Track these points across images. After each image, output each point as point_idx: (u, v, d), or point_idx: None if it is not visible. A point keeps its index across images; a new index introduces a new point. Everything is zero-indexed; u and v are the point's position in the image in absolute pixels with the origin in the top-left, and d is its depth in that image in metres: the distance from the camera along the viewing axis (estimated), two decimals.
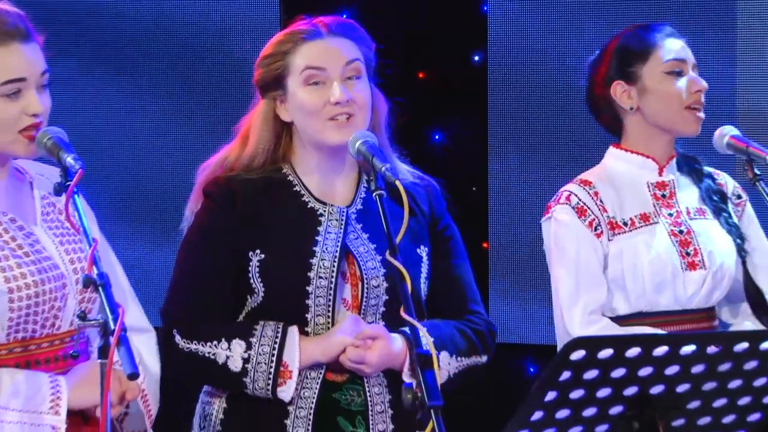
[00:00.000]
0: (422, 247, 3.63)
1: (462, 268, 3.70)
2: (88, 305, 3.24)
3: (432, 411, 2.93)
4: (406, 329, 3.30)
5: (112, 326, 2.86)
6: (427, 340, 3.07)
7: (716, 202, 3.90)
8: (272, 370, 3.46)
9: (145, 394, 3.33)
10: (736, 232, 3.87)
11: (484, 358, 3.63)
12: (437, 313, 3.61)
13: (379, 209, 3.24)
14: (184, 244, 3.58)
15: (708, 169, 3.94)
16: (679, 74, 3.82)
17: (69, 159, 3.09)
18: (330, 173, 3.61)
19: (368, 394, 3.55)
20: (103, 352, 2.89)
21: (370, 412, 3.55)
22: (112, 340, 2.85)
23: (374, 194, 3.27)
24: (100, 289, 2.93)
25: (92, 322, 2.95)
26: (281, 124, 3.59)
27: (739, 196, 3.93)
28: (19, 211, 3.29)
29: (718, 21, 5.13)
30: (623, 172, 3.89)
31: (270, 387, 3.47)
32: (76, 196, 3.06)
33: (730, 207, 3.91)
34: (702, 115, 3.82)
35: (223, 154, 3.62)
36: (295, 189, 3.59)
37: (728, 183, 3.94)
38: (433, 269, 3.64)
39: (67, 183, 3.07)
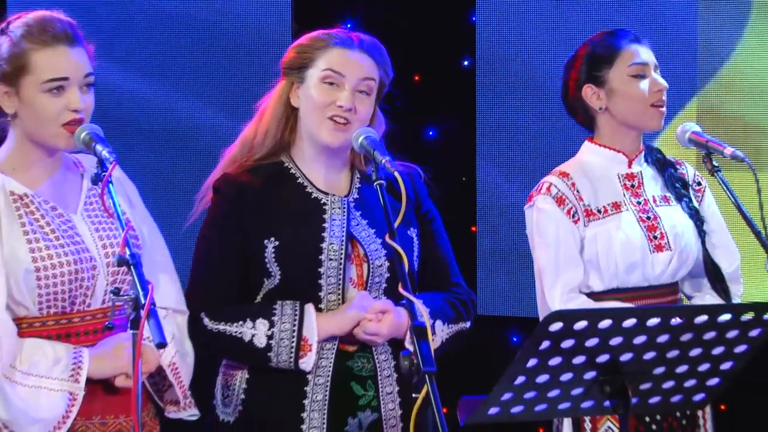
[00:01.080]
0: (412, 229, 3.64)
1: (444, 246, 3.71)
2: (123, 285, 3.24)
3: (427, 376, 2.94)
4: (405, 304, 3.31)
5: (143, 301, 2.87)
6: (422, 313, 3.08)
7: (678, 189, 3.90)
8: (294, 344, 3.46)
9: (176, 367, 3.33)
10: (696, 216, 3.88)
11: (468, 324, 3.66)
12: (425, 287, 3.62)
13: (379, 197, 3.24)
14: (200, 239, 3.58)
15: (671, 159, 3.95)
16: (642, 76, 3.81)
17: (104, 152, 3.09)
18: (328, 166, 3.61)
19: (376, 360, 3.56)
20: (134, 324, 2.90)
21: (378, 377, 3.56)
22: (143, 313, 2.86)
23: (375, 183, 3.27)
24: (131, 268, 2.93)
25: (125, 297, 2.95)
26: (290, 108, 3.59)
27: (699, 183, 3.94)
28: (63, 200, 3.29)
29: (682, 31, 5.13)
30: (597, 165, 3.89)
31: (293, 359, 3.47)
32: (111, 185, 3.06)
33: (691, 193, 3.91)
34: (664, 110, 3.82)
35: (244, 133, 3.63)
36: (298, 181, 3.59)
37: (689, 171, 3.95)
38: (420, 249, 3.65)
39: (103, 173, 3.06)
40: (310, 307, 3.49)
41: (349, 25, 3.76)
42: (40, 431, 3.13)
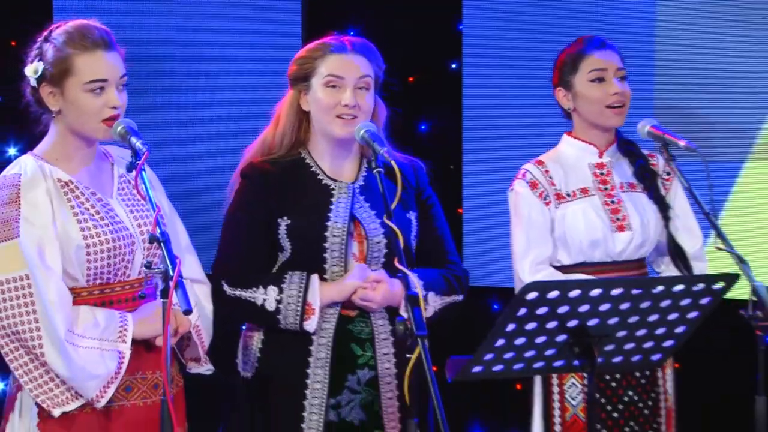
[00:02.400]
0: (411, 212, 3.64)
1: (442, 228, 3.71)
2: (154, 259, 3.24)
3: (419, 339, 2.95)
4: (401, 276, 3.31)
5: (171, 273, 2.88)
6: (415, 284, 3.08)
7: (647, 178, 3.89)
8: (299, 308, 3.47)
9: (198, 328, 3.34)
10: (661, 202, 3.87)
11: (461, 297, 3.66)
12: (424, 264, 3.62)
13: (378, 183, 3.27)
14: (227, 216, 3.60)
15: (645, 152, 3.94)
16: (601, 80, 3.80)
17: (138, 143, 3.10)
18: (338, 157, 3.62)
19: (374, 325, 3.57)
20: (164, 293, 2.91)
21: (376, 339, 3.57)
22: (171, 284, 2.87)
23: (374, 171, 3.31)
24: (161, 244, 2.95)
25: (156, 270, 2.97)
26: (302, 112, 3.61)
27: (668, 173, 3.92)
28: (100, 186, 3.30)
29: (639, 36, 5.12)
30: (571, 155, 3.89)
31: (298, 321, 3.47)
32: (143, 172, 3.07)
33: (659, 182, 3.90)
34: (621, 109, 3.81)
35: (263, 135, 3.65)
36: (312, 170, 3.60)
37: (660, 163, 3.93)
38: (420, 230, 3.65)
39: (136, 162, 3.08)
40: (314, 277, 3.50)
41: (352, 32, 3.75)
42: (97, 386, 3.14)
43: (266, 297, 3.49)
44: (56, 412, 3.14)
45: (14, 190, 3.16)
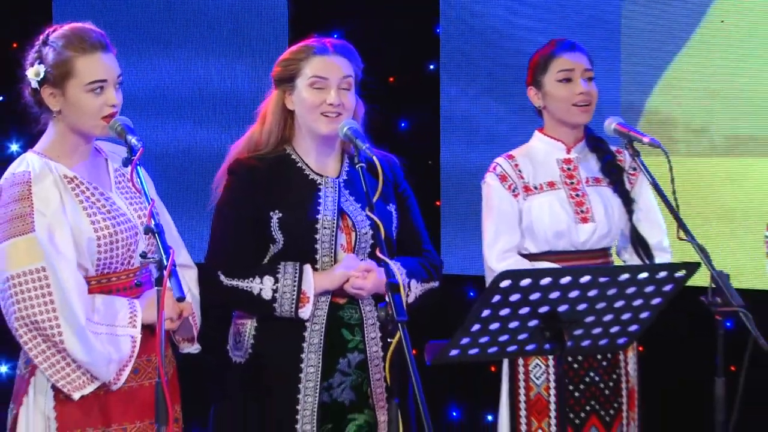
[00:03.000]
0: (391, 204, 3.64)
1: (417, 220, 3.72)
2: (150, 248, 3.24)
3: (399, 324, 2.95)
4: (383, 266, 3.32)
5: (165, 262, 2.87)
6: (395, 273, 3.09)
7: (614, 173, 3.90)
8: (295, 297, 3.46)
9: (193, 312, 3.34)
10: (626, 197, 3.88)
11: (437, 284, 3.67)
12: (403, 252, 3.62)
13: (360, 178, 3.26)
14: (217, 210, 3.57)
15: (613, 148, 3.94)
16: (569, 80, 3.80)
17: (133, 140, 3.10)
18: (322, 153, 3.61)
19: (363, 311, 3.57)
20: (159, 281, 2.91)
21: (364, 324, 3.56)
22: (165, 272, 2.86)
23: (357, 166, 3.31)
24: (156, 235, 2.94)
25: (151, 259, 2.99)
26: (287, 111, 3.59)
27: (634, 169, 3.92)
28: (99, 180, 3.29)
29: (606, 38, 5.12)
30: (540, 150, 3.89)
31: (293, 309, 3.46)
32: (138, 167, 3.06)
33: (625, 177, 3.90)
34: (588, 108, 3.81)
35: (250, 132, 3.63)
36: (298, 165, 3.59)
37: (626, 160, 3.93)
38: (399, 222, 3.65)
39: (132, 158, 3.07)
40: (308, 267, 3.49)
41: (336, 35, 3.74)
42: (114, 369, 3.15)
43: (262, 286, 3.48)
44: (76, 396, 3.13)
45: (26, 186, 3.14)
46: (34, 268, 3.08)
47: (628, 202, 3.87)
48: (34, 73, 3.19)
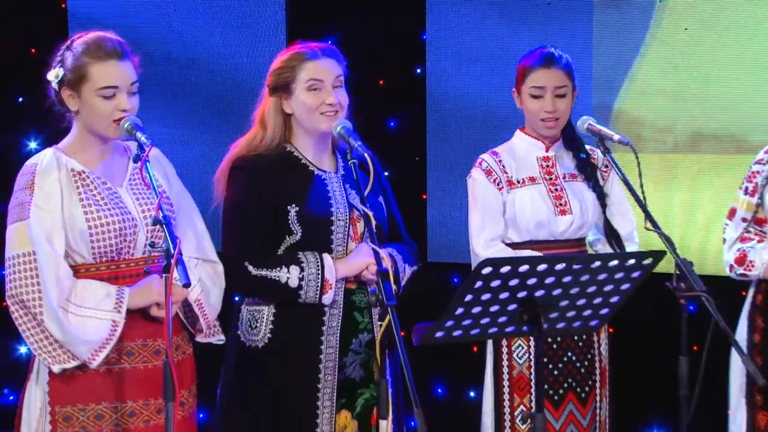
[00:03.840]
0: (381, 196, 3.65)
1: (395, 210, 3.74)
2: (159, 240, 3.22)
3: (389, 308, 2.98)
4: (389, 251, 3.34)
5: (172, 251, 2.86)
6: (385, 260, 3.09)
7: (588, 170, 3.90)
8: (319, 285, 3.45)
9: (201, 303, 3.30)
10: (599, 191, 3.89)
11: (418, 266, 3.69)
12: (389, 240, 3.65)
13: (353, 173, 3.31)
14: (232, 205, 3.52)
15: (588, 147, 3.94)
16: (539, 97, 3.79)
17: (142, 138, 3.09)
18: (319, 150, 3.62)
19: (369, 295, 3.57)
20: (166, 269, 2.89)
21: (371, 307, 3.57)
22: (172, 261, 2.85)
23: (350, 162, 3.33)
24: (163, 226, 2.94)
25: (158, 249, 2.97)
26: (285, 115, 3.59)
27: (606, 166, 3.93)
28: (112, 177, 3.28)
29: (579, 43, 5.12)
30: (522, 148, 3.90)
31: (318, 296, 3.46)
32: (148, 163, 3.05)
33: (598, 174, 3.91)
34: (554, 123, 3.79)
35: (250, 136, 3.61)
36: (302, 162, 3.58)
37: (599, 158, 3.93)
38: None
39: (141, 154, 3.07)
40: (328, 257, 3.49)
41: (330, 41, 3.74)
42: (87, 350, 3.11)
43: (289, 276, 3.46)
44: (56, 369, 3.12)
45: (30, 177, 3.17)
46: (26, 251, 3.10)
47: (602, 197, 3.87)
48: (53, 75, 3.21)
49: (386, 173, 3.91)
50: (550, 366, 3.77)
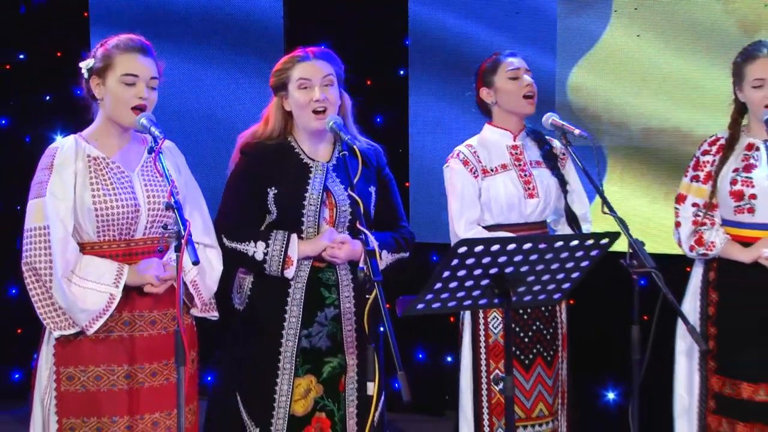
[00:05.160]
0: (371, 186, 3.62)
1: (396, 199, 3.71)
2: (168, 221, 3.21)
3: (376, 283, 2.96)
4: (362, 236, 3.32)
5: (183, 233, 2.85)
6: (372, 242, 3.08)
7: (550, 159, 3.90)
8: (281, 260, 3.45)
9: (196, 283, 3.29)
10: (560, 177, 3.88)
11: (407, 254, 3.66)
12: (382, 226, 3.62)
13: (343, 163, 3.29)
14: (228, 184, 3.56)
15: (548, 138, 3.94)
16: (516, 78, 3.80)
17: (156, 131, 3.08)
18: (315, 142, 3.61)
19: (339, 274, 3.55)
20: (177, 248, 2.89)
21: (340, 285, 3.55)
22: (183, 241, 2.84)
23: (340, 154, 3.30)
24: (174, 211, 2.92)
25: (171, 230, 2.97)
26: (286, 112, 3.58)
27: (563, 154, 3.93)
28: (127, 163, 3.26)
29: (545, 49, 5.12)
30: (492, 139, 3.88)
31: (280, 270, 3.46)
32: (161, 155, 3.05)
33: (558, 162, 3.90)
34: (533, 99, 3.81)
35: (255, 129, 3.62)
36: (296, 151, 3.57)
37: (558, 147, 3.94)
38: (379, 200, 3.64)
39: (154, 146, 3.07)
40: (294, 236, 3.48)
41: (324, 45, 3.74)
42: (85, 318, 3.11)
43: (255, 250, 3.46)
44: (56, 334, 3.14)
45: (51, 159, 3.18)
46: (41, 225, 3.10)
47: (563, 183, 3.87)
48: (85, 64, 3.24)
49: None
50: (521, 334, 3.78)
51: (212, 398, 3.65)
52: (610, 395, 5.24)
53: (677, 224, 3.81)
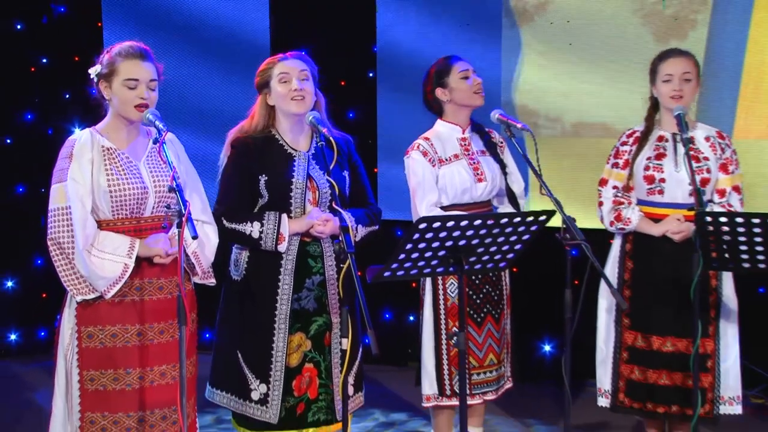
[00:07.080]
0: (345, 171, 3.60)
1: (365, 182, 3.69)
2: (171, 201, 3.18)
3: (349, 254, 2.96)
4: (338, 215, 3.32)
5: (184, 212, 2.82)
6: (346, 219, 3.06)
7: (492, 147, 3.89)
8: (275, 236, 3.44)
9: (197, 254, 3.27)
10: (501, 163, 3.88)
11: (377, 227, 3.66)
12: (355, 204, 3.61)
13: (320, 152, 3.24)
14: (223, 173, 3.53)
15: (487, 129, 3.93)
16: (466, 77, 3.79)
17: (160, 125, 3.05)
18: (296, 133, 3.58)
19: (323, 247, 3.54)
20: (179, 225, 2.86)
21: (324, 256, 3.54)
22: (183, 219, 2.81)
23: (318, 144, 3.28)
24: (176, 192, 2.90)
25: (173, 209, 2.94)
26: (269, 107, 3.56)
27: (501, 142, 3.93)
28: (134, 153, 3.23)
29: (490, 53, 5.11)
30: (444, 133, 3.87)
31: (274, 245, 3.44)
32: (164, 145, 3.02)
33: (498, 149, 3.90)
34: (482, 94, 3.81)
35: (241, 125, 3.59)
36: (279, 142, 3.54)
37: (497, 137, 3.94)
38: (351, 183, 3.62)
39: (158, 138, 3.04)
40: (285, 216, 3.46)
41: (304, 51, 3.72)
42: (104, 284, 3.10)
43: (252, 229, 3.44)
44: (78, 298, 3.12)
45: (70, 149, 3.15)
46: (64, 206, 3.08)
47: (503, 167, 3.88)
48: (93, 70, 3.20)
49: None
50: (474, 297, 3.78)
51: (215, 359, 3.62)
52: (547, 347, 5.29)
53: (600, 203, 3.84)
